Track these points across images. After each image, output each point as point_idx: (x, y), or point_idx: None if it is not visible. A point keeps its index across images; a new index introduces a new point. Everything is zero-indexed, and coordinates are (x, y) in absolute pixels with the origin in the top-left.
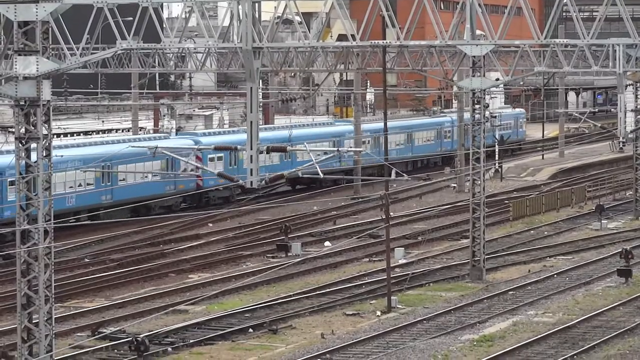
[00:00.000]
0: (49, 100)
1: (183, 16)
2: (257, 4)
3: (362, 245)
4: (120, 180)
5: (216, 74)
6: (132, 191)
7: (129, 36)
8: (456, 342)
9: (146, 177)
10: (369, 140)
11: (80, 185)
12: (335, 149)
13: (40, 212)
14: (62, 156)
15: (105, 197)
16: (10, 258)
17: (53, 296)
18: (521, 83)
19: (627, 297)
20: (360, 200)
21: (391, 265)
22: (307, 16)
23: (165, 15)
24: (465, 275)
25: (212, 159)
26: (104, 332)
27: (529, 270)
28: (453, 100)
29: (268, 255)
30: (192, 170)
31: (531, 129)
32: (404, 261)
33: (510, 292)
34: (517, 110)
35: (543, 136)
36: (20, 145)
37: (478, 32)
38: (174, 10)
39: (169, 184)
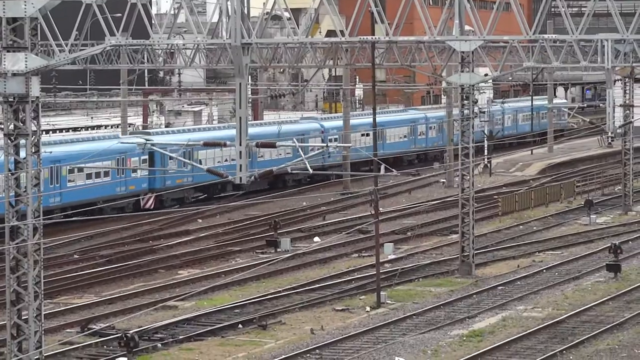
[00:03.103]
0: (37, 97)
1: (172, 12)
2: (245, 0)
3: (351, 240)
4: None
5: (205, 70)
6: None
7: (117, 32)
8: (446, 337)
9: None
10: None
11: None
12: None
13: (29, 208)
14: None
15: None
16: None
17: (42, 292)
18: (510, 78)
19: (616, 292)
20: (350, 195)
21: (380, 260)
22: (296, 12)
23: (154, 11)
24: (454, 270)
25: None
26: (94, 328)
27: (518, 266)
28: (442, 95)
29: (257, 251)
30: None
31: None
32: (394, 256)
33: (500, 287)
34: (562, 100)
35: (532, 131)
36: (9, 141)
37: (467, 27)
38: (162, 6)
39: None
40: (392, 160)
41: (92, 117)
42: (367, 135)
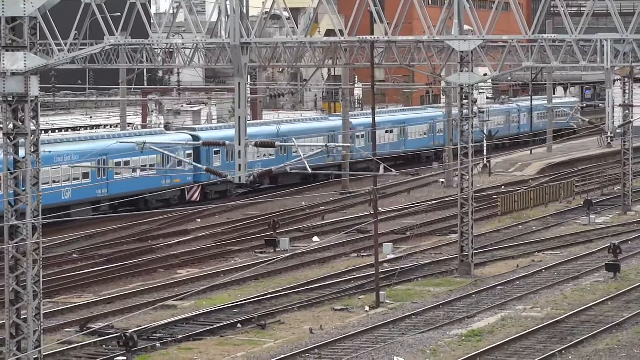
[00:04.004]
0: (37, 96)
1: (171, 12)
2: (245, 0)
3: (350, 240)
4: None
5: (204, 70)
6: None
7: (117, 32)
8: (445, 337)
9: None
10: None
11: None
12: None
13: (29, 208)
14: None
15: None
16: None
17: (41, 292)
18: (509, 78)
19: (616, 291)
20: (349, 195)
21: (379, 260)
22: (295, 12)
23: (153, 11)
24: (453, 270)
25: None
26: (93, 328)
27: (518, 265)
28: (441, 95)
29: (257, 250)
30: None
31: None
32: (393, 256)
33: (499, 287)
34: (573, 99)
35: (531, 130)
36: (8, 141)
37: (466, 27)
38: (161, 6)
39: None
40: (411, 157)
41: (91, 117)
42: (391, 132)
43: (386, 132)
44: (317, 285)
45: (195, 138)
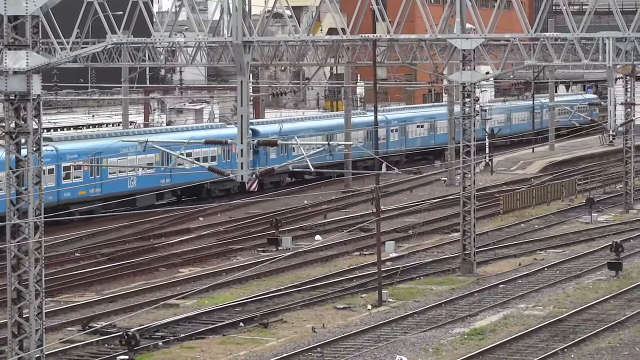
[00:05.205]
0: (39, 95)
1: (173, 10)
2: None
3: (352, 239)
4: None
5: (206, 68)
6: None
7: (119, 30)
8: (447, 336)
9: None
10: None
11: None
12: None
13: (31, 206)
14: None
15: None
16: (1, 253)
17: (43, 291)
18: (511, 76)
19: (618, 290)
20: (351, 193)
21: (382, 258)
22: (297, 10)
23: (155, 9)
24: (456, 268)
25: None
26: (95, 327)
27: (520, 264)
28: (443, 93)
29: (259, 249)
30: None
31: None
32: (395, 255)
33: (501, 286)
34: (590, 95)
35: (533, 128)
36: (10, 139)
37: (468, 25)
38: (164, 4)
39: None
40: (439, 151)
41: (93, 115)
42: (421, 126)
43: (417, 126)
44: (319, 283)
45: (255, 132)
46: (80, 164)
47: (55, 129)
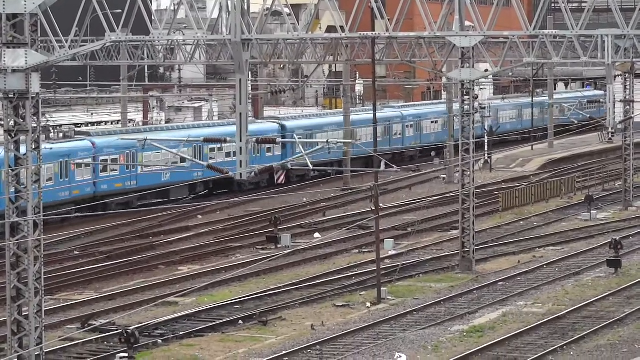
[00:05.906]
0: (38, 93)
1: (172, 8)
2: None
3: (351, 236)
4: None
5: (205, 66)
6: None
7: (117, 28)
8: (446, 333)
9: None
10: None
11: None
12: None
13: (30, 204)
14: None
15: None
16: (0, 251)
17: (43, 289)
18: (510, 74)
19: (617, 287)
20: (350, 191)
21: (381, 256)
22: (296, 8)
23: (154, 7)
24: (455, 266)
25: None
26: (94, 325)
27: (519, 261)
28: (442, 91)
29: (258, 247)
30: None
31: None
32: (394, 252)
33: (500, 283)
34: (599, 92)
35: (532, 126)
36: (9, 137)
37: (467, 23)
38: (162, 2)
39: None
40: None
41: (92, 113)
42: (436, 122)
43: (431, 122)
44: (318, 281)
45: (282, 127)
46: (115, 157)
47: (54, 127)
